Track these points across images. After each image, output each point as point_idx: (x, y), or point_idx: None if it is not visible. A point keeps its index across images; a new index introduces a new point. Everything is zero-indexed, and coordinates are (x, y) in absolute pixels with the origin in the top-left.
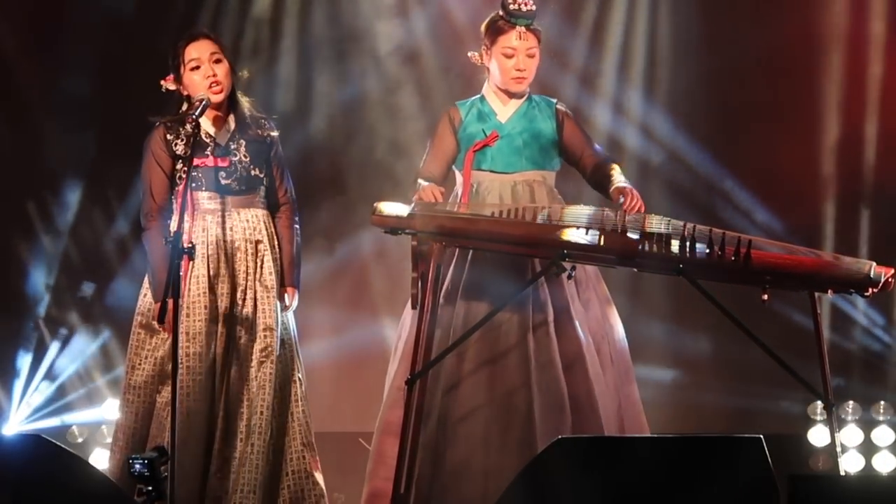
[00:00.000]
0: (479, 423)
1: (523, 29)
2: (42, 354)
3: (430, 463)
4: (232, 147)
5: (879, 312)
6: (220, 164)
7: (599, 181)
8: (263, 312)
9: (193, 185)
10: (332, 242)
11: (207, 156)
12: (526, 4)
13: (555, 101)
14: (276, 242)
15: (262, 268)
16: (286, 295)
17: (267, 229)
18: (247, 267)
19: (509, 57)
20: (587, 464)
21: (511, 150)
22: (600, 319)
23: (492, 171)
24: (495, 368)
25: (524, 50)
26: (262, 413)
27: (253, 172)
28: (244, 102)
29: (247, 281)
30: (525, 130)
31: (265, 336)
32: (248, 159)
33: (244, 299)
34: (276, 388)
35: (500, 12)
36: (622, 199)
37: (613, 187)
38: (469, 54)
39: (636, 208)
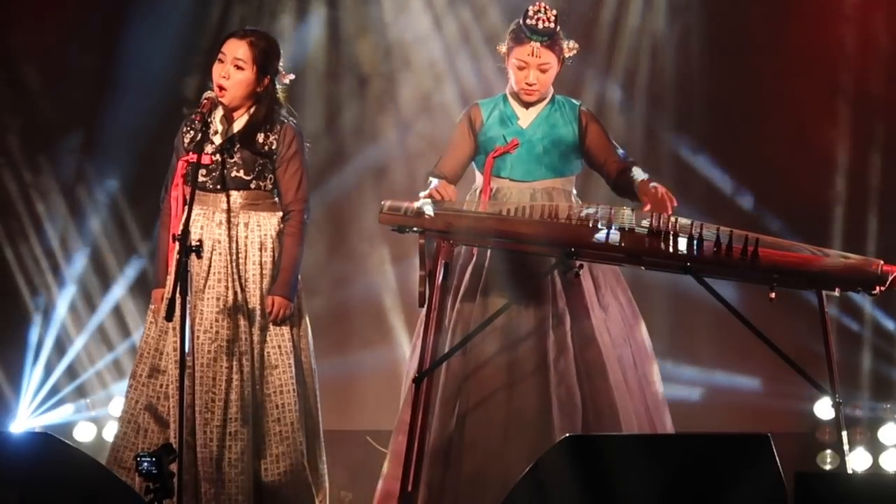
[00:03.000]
0: (497, 432)
1: (538, 45)
2: (52, 351)
3: (443, 469)
4: (226, 147)
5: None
6: (207, 161)
7: (624, 186)
8: (242, 315)
9: (189, 179)
10: (344, 239)
11: (203, 153)
12: (543, 21)
13: (578, 103)
14: (268, 246)
15: (237, 269)
16: (273, 303)
17: (253, 232)
18: (210, 265)
19: (521, 69)
20: (594, 462)
21: (531, 157)
22: (620, 322)
23: (511, 179)
24: (513, 378)
25: (536, 65)
26: (239, 419)
27: (235, 174)
28: (271, 109)
29: (207, 280)
30: (546, 136)
31: (244, 339)
32: (233, 160)
33: (214, 299)
34: (276, 394)
35: (521, 21)
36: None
37: (638, 183)
38: (498, 47)
39: (669, 209)
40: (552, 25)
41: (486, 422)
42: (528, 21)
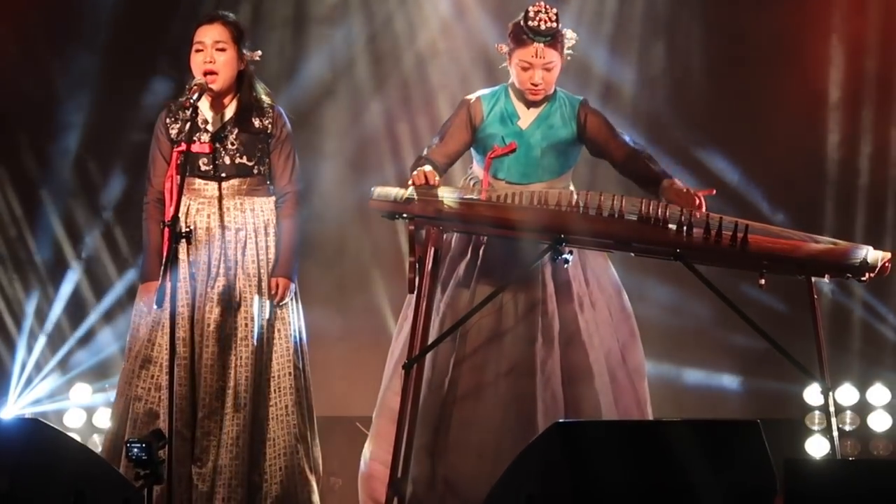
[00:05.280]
0: (481, 431)
1: (541, 46)
2: (44, 338)
3: (429, 464)
4: (222, 134)
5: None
6: (207, 149)
7: (637, 173)
8: (245, 301)
9: (181, 169)
10: (338, 227)
11: (195, 141)
12: (546, 22)
13: (579, 100)
14: (270, 231)
15: (244, 255)
16: (277, 285)
17: (258, 217)
18: (222, 254)
19: (525, 69)
20: (583, 448)
21: (528, 160)
22: (608, 318)
23: (507, 182)
24: (500, 378)
25: (540, 65)
26: (236, 405)
27: (238, 161)
28: (254, 90)
29: (218, 269)
30: (545, 139)
31: (245, 325)
32: (234, 147)
33: (224, 286)
34: (273, 378)
35: (522, 22)
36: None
37: (666, 186)
38: (497, 46)
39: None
40: (554, 25)
41: (472, 423)
42: (530, 23)
